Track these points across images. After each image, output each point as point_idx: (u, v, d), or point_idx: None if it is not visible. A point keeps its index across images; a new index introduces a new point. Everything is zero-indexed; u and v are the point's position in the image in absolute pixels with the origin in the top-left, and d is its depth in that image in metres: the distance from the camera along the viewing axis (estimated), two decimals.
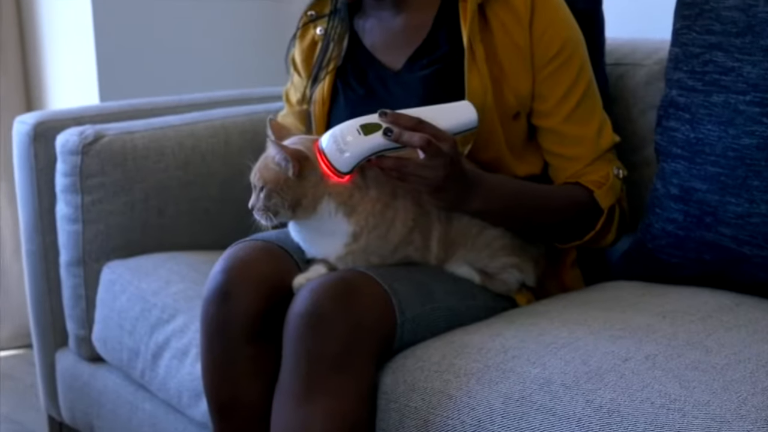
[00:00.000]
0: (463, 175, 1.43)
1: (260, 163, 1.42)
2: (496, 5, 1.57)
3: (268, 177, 1.39)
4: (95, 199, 1.98)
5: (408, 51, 1.64)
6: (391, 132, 1.35)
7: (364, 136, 1.35)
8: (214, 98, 2.31)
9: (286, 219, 1.43)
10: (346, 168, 1.37)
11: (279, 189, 1.39)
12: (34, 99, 2.99)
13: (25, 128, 2.07)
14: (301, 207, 1.40)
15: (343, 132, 1.36)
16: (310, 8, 1.76)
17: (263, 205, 1.40)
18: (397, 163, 1.38)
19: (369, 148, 1.36)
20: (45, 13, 2.88)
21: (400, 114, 1.37)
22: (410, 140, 1.35)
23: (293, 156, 1.37)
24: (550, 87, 1.58)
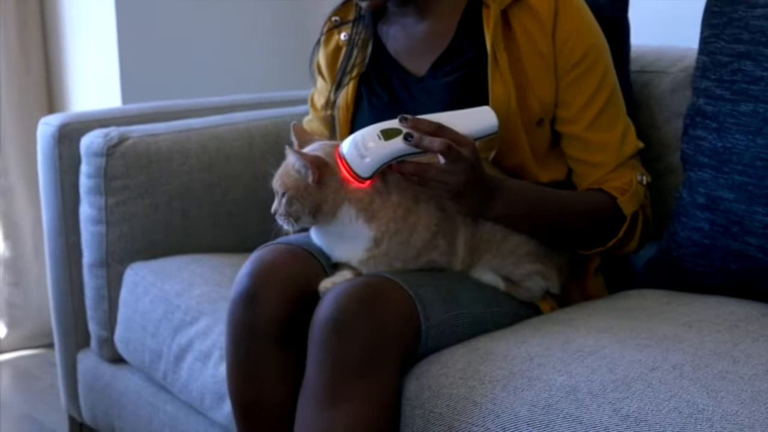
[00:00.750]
0: (484, 180, 1.43)
1: (281, 170, 1.43)
2: (520, 12, 1.57)
3: (289, 183, 1.40)
4: (119, 200, 1.99)
5: (432, 57, 1.64)
6: (411, 137, 1.35)
7: (384, 141, 1.36)
8: (237, 101, 2.31)
9: (308, 224, 1.44)
10: (366, 173, 1.37)
11: (299, 195, 1.39)
12: (56, 100, 3.00)
13: (50, 129, 2.08)
14: (321, 213, 1.40)
15: (364, 137, 1.37)
16: (334, 14, 1.77)
17: (285, 211, 1.41)
18: (418, 168, 1.38)
19: (389, 153, 1.36)
20: (68, 14, 2.89)
21: (420, 119, 1.37)
22: (430, 145, 1.35)
23: (312, 163, 1.38)
24: (573, 94, 1.58)
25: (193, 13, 2.80)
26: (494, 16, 1.56)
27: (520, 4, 1.57)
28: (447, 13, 1.64)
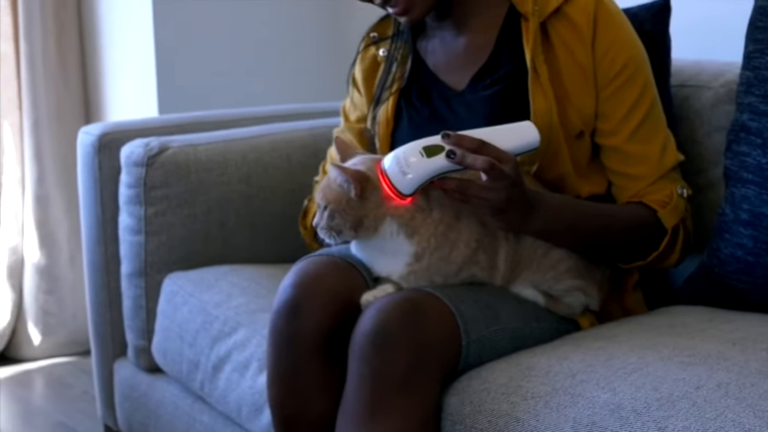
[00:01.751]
0: (525, 196, 1.42)
1: (324, 183, 1.43)
2: (559, 24, 1.57)
3: (331, 197, 1.40)
4: (158, 210, 2.00)
5: (471, 71, 1.64)
6: (454, 154, 1.35)
7: (426, 158, 1.35)
8: (275, 112, 2.32)
9: (349, 238, 1.44)
10: (408, 190, 1.37)
11: (341, 209, 1.39)
12: (93, 110, 3.03)
13: (90, 139, 2.10)
14: (363, 227, 1.40)
15: (406, 154, 1.36)
16: (372, 29, 1.77)
17: (327, 225, 1.41)
18: (460, 185, 1.38)
19: (432, 170, 1.36)
20: (105, 24, 2.91)
21: (463, 136, 1.37)
22: (473, 163, 1.35)
23: (355, 177, 1.38)
24: (613, 105, 1.57)
25: (231, 24, 2.81)
26: (533, 29, 1.56)
27: (558, 16, 1.57)
28: (485, 27, 1.64)
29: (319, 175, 1.87)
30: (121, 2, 2.84)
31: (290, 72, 2.91)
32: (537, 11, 1.57)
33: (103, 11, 2.91)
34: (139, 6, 2.73)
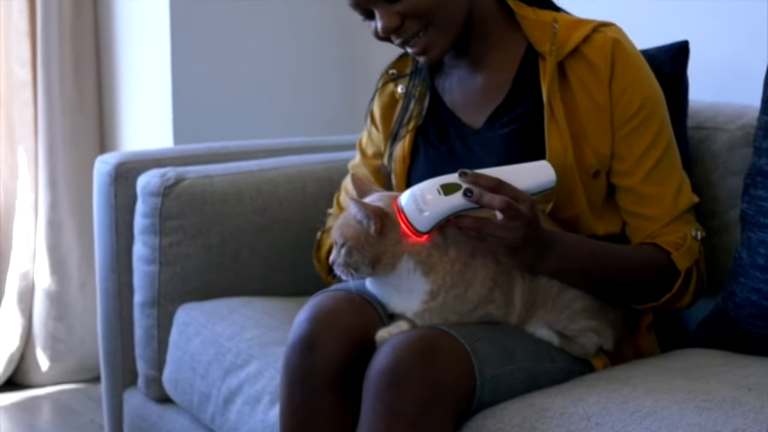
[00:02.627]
0: (541, 235, 1.43)
1: (341, 220, 1.43)
2: (576, 63, 1.58)
3: (349, 234, 1.40)
4: (173, 241, 2.00)
5: (488, 109, 1.64)
6: (471, 193, 1.35)
7: (444, 196, 1.36)
8: (290, 145, 2.33)
9: (366, 275, 1.44)
10: (424, 227, 1.37)
11: (360, 246, 1.39)
12: (107, 137, 3.04)
13: (107, 168, 2.11)
14: (380, 264, 1.40)
15: (423, 191, 1.37)
16: (391, 67, 1.78)
17: (344, 261, 1.41)
18: (476, 224, 1.38)
19: (448, 208, 1.36)
20: (123, 52, 2.93)
21: (480, 174, 1.37)
22: (490, 202, 1.35)
23: (375, 213, 1.38)
24: (628, 146, 1.58)
25: (248, 56, 2.83)
26: (550, 68, 1.56)
27: (576, 56, 1.58)
28: (503, 66, 1.65)
29: (333, 207, 1.88)
30: (139, 32, 2.86)
31: (305, 104, 2.93)
32: (554, 51, 1.57)
33: (121, 40, 2.93)
34: (157, 36, 2.75)
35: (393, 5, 1.54)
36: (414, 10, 1.54)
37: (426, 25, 1.56)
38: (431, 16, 1.55)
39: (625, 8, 2.17)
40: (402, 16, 1.55)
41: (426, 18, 1.55)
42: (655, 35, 1.84)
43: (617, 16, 1.67)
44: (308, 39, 2.92)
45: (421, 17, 1.55)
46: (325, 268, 1.82)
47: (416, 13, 1.55)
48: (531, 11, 1.63)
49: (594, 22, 1.60)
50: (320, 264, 1.84)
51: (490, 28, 1.63)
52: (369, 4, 1.56)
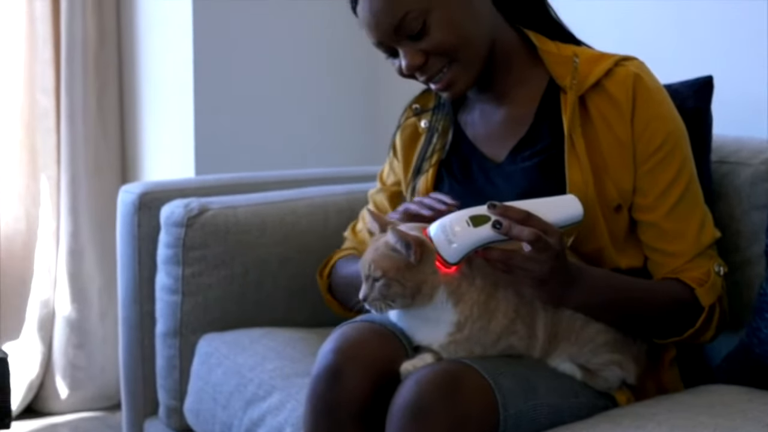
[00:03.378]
0: (567, 269, 1.43)
1: (373, 254, 1.42)
2: (597, 97, 1.58)
3: (388, 266, 1.40)
4: (195, 271, 2.01)
5: (511, 143, 1.65)
6: (500, 224, 1.36)
7: (473, 227, 1.36)
8: (313, 175, 2.35)
9: (403, 307, 1.43)
10: (454, 258, 1.38)
11: (400, 276, 1.39)
12: (129, 166, 3.06)
13: (130, 198, 2.12)
14: (420, 294, 1.40)
15: (452, 223, 1.38)
16: (414, 102, 1.79)
17: (379, 295, 1.40)
18: (504, 256, 1.38)
19: (477, 239, 1.37)
20: (145, 83, 2.96)
21: (509, 206, 1.38)
22: (519, 234, 1.36)
23: (415, 242, 1.38)
24: (651, 181, 1.58)
25: (271, 86, 2.84)
26: (571, 102, 1.57)
27: (597, 90, 1.58)
28: (525, 100, 1.65)
29: (348, 230, 1.89)
30: (161, 62, 2.88)
31: (327, 135, 2.94)
32: (575, 85, 1.58)
33: (143, 71, 2.96)
34: (179, 67, 2.77)
35: (417, 43, 1.56)
36: (438, 47, 1.55)
37: (450, 61, 1.57)
38: (455, 52, 1.56)
39: (648, 43, 2.17)
40: (426, 53, 1.56)
41: (450, 54, 1.56)
42: (679, 70, 1.84)
43: (641, 51, 1.68)
44: (331, 70, 2.93)
45: (445, 54, 1.56)
46: (326, 284, 1.84)
47: (440, 50, 1.56)
48: (553, 45, 1.64)
49: (615, 56, 1.61)
50: (322, 279, 1.85)
51: (512, 63, 1.64)
52: (393, 43, 1.57)
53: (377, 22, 1.55)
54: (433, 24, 1.54)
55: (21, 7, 2.88)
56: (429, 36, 1.55)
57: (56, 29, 2.94)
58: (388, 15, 1.54)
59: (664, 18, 2.20)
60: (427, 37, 1.55)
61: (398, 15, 1.54)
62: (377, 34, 1.57)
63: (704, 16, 2.13)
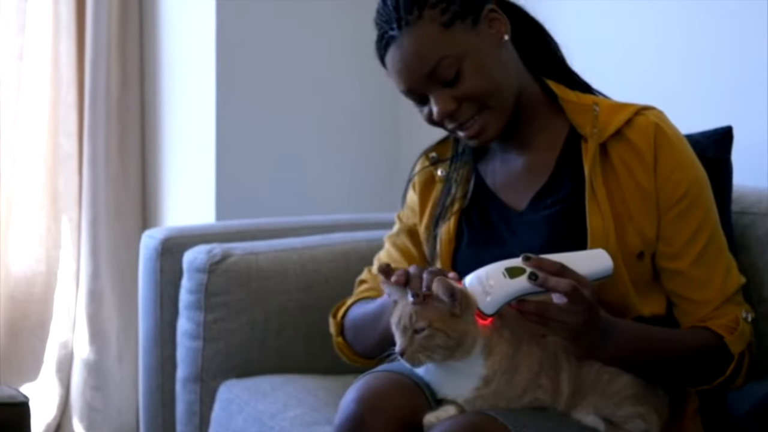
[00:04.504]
0: (601, 321, 1.43)
1: (411, 307, 1.39)
2: (619, 145, 1.59)
3: (433, 316, 1.38)
4: (218, 317, 2.02)
5: (532, 191, 1.65)
6: (536, 276, 1.36)
7: (509, 279, 1.37)
8: (334, 222, 2.35)
9: (442, 360, 1.40)
10: (490, 310, 1.38)
11: (446, 327, 1.37)
12: (150, 210, 3.08)
13: (153, 243, 2.13)
14: (463, 346, 1.39)
15: (488, 274, 1.38)
16: (431, 150, 1.79)
17: (421, 347, 1.38)
18: (539, 308, 1.39)
19: (513, 291, 1.38)
20: (167, 128, 2.98)
21: (543, 259, 1.39)
22: (556, 285, 1.36)
23: (461, 292, 1.38)
24: (676, 229, 1.58)
25: (291, 133, 2.87)
26: (592, 150, 1.58)
27: (619, 138, 1.59)
28: (547, 148, 1.66)
29: (364, 273, 1.87)
30: (184, 107, 2.91)
31: (348, 181, 2.95)
32: (596, 133, 1.59)
33: (166, 116, 2.98)
34: (201, 113, 2.80)
35: (449, 89, 1.56)
36: (471, 93, 1.56)
37: (480, 108, 1.58)
38: (487, 98, 1.57)
39: (667, 93, 2.18)
40: (458, 100, 1.57)
41: (481, 101, 1.57)
42: (698, 120, 1.85)
43: (660, 101, 1.69)
44: (353, 117, 2.95)
45: (477, 100, 1.57)
46: (338, 325, 1.80)
47: (473, 96, 1.57)
48: (573, 95, 1.65)
49: (635, 105, 1.62)
50: (334, 320, 1.82)
51: (535, 111, 1.65)
52: (424, 89, 1.58)
53: (410, 68, 1.56)
54: (466, 70, 1.55)
55: (46, 51, 2.91)
56: (462, 82, 1.55)
57: (80, 73, 2.98)
58: (422, 60, 1.55)
59: (682, 68, 2.22)
60: (460, 84, 1.55)
61: (433, 60, 1.54)
62: (409, 81, 1.57)
63: (723, 67, 2.14)
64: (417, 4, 1.55)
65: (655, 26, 2.28)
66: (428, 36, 1.55)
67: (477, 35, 1.58)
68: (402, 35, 1.55)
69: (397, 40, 1.56)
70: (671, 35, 2.23)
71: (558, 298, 1.38)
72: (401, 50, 1.56)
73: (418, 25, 1.55)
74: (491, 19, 1.60)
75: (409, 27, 1.55)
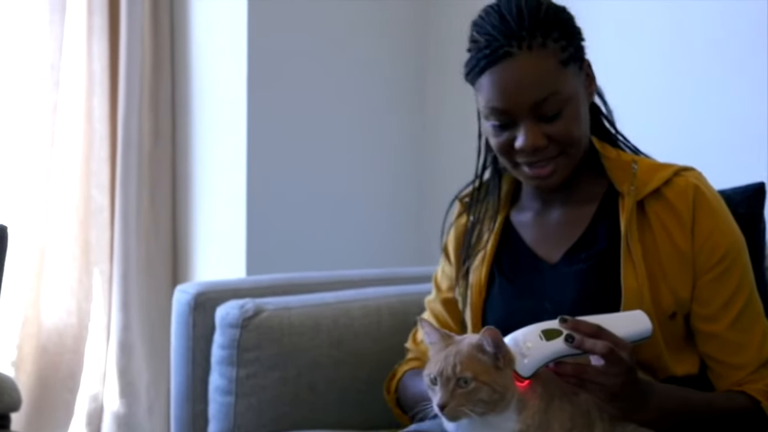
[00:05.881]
0: (639, 383, 1.43)
1: (457, 357, 1.38)
2: (657, 204, 1.59)
3: (479, 369, 1.37)
4: (250, 372, 2.02)
5: (566, 245, 1.66)
6: (572, 338, 1.37)
7: (545, 341, 1.38)
8: (364, 276, 2.35)
9: (482, 414, 1.39)
10: (527, 373, 1.38)
11: (491, 380, 1.37)
12: (180, 263, 3.09)
13: (186, 297, 2.14)
14: (504, 401, 1.38)
15: (525, 337, 1.39)
16: (463, 195, 1.80)
17: (465, 400, 1.37)
18: (577, 370, 1.39)
19: (550, 354, 1.38)
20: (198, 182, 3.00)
21: (580, 321, 1.39)
22: (592, 348, 1.37)
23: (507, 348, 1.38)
24: (713, 292, 1.58)
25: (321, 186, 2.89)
26: (629, 207, 1.58)
27: (657, 197, 1.59)
28: (583, 202, 1.67)
29: (409, 341, 1.88)
30: (214, 162, 2.93)
31: (379, 235, 2.97)
32: (634, 191, 1.59)
33: (197, 170, 3.01)
34: (232, 167, 2.83)
35: (544, 124, 1.56)
36: (561, 136, 1.57)
37: (560, 152, 1.58)
38: (570, 145, 1.58)
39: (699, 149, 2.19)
40: (548, 138, 1.57)
41: (565, 146, 1.58)
42: (730, 176, 1.85)
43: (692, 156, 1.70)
44: (382, 171, 2.98)
45: (563, 144, 1.57)
46: (393, 400, 1.83)
47: (562, 140, 1.57)
48: (614, 152, 1.67)
49: (675, 166, 1.63)
50: (389, 395, 1.84)
51: (581, 166, 1.65)
52: (519, 115, 1.56)
53: (520, 91, 1.54)
54: (566, 113, 1.56)
55: (80, 106, 2.95)
56: (559, 123, 1.56)
57: (113, 128, 3.01)
58: (535, 88, 1.54)
59: (715, 124, 2.23)
60: (557, 123, 1.56)
61: (545, 92, 1.54)
62: (511, 102, 1.55)
63: (755, 123, 2.15)
64: (541, 32, 1.54)
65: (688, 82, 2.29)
66: (548, 67, 1.54)
67: (580, 83, 1.59)
68: (521, 55, 1.54)
69: (515, 58, 1.54)
70: (704, 91, 2.25)
71: (596, 360, 1.38)
72: (517, 70, 1.54)
73: (541, 53, 1.54)
74: (587, 72, 1.62)
75: (531, 51, 1.54)
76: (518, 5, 1.56)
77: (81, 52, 2.92)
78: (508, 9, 1.57)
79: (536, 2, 1.58)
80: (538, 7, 1.57)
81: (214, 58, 2.93)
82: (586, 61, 1.63)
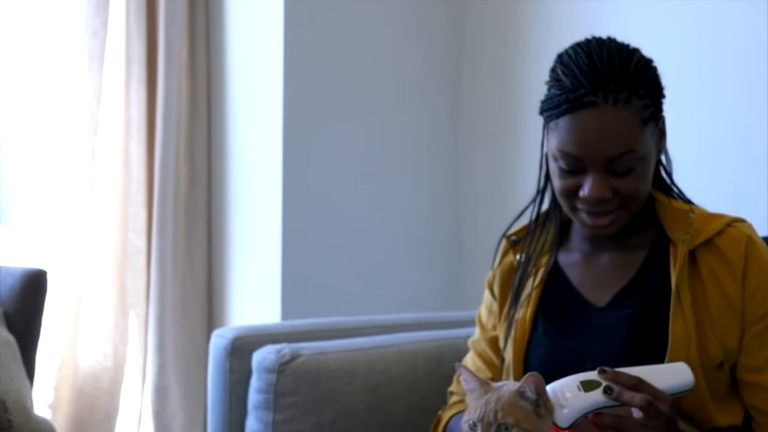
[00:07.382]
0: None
1: (498, 403, 1.37)
2: (708, 253, 1.59)
3: (521, 415, 1.36)
4: (286, 417, 2.03)
5: (614, 289, 1.66)
6: (611, 390, 1.37)
7: (584, 392, 1.38)
8: (399, 321, 2.36)
9: None
10: (565, 424, 1.38)
11: (533, 427, 1.36)
12: (216, 307, 3.12)
13: (223, 342, 2.15)
14: None
15: (564, 387, 1.39)
16: (512, 234, 1.80)
17: None
18: (616, 422, 1.39)
19: (588, 405, 1.38)
20: (233, 226, 3.03)
21: (620, 372, 1.39)
22: (631, 400, 1.36)
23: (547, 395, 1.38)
24: (760, 344, 1.57)
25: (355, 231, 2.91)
26: (682, 256, 1.58)
27: (709, 247, 1.59)
28: (633, 247, 1.67)
29: (453, 384, 1.87)
30: (250, 207, 2.96)
31: (414, 280, 2.98)
32: (688, 239, 1.59)
33: (232, 215, 3.04)
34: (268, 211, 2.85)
35: (613, 178, 1.56)
36: (628, 192, 1.57)
37: (622, 205, 1.59)
38: (632, 201, 1.59)
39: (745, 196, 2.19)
40: (614, 191, 1.57)
41: (627, 201, 1.58)
42: None
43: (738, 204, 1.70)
44: (417, 216, 2.99)
45: (626, 198, 1.58)
46: None
47: (627, 195, 1.57)
48: (667, 200, 1.67)
49: (728, 216, 1.63)
50: None
51: None
52: (591, 165, 1.56)
53: (598, 142, 1.53)
54: (637, 171, 1.56)
55: (117, 152, 2.99)
56: (629, 179, 1.56)
57: (150, 173, 3.05)
58: (614, 142, 1.53)
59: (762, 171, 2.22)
60: (626, 179, 1.56)
61: (622, 148, 1.54)
62: (587, 151, 1.55)
63: None
64: (628, 88, 1.53)
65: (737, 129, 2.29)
66: (630, 124, 1.54)
67: (654, 142, 1.60)
68: (605, 108, 1.53)
69: (598, 110, 1.53)
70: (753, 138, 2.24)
71: (637, 412, 1.38)
72: (599, 121, 1.53)
73: (625, 109, 1.53)
74: (661, 130, 1.62)
75: (617, 105, 1.53)
76: (610, 53, 1.55)
77: (119, 99, 2.97)
78: (599, 55, 1.55)
79: (628, 53, 1.57)
80: (629, 59, 1.56)
81: (251, 106, 2.97)
82: (663, 117, 1.62)
